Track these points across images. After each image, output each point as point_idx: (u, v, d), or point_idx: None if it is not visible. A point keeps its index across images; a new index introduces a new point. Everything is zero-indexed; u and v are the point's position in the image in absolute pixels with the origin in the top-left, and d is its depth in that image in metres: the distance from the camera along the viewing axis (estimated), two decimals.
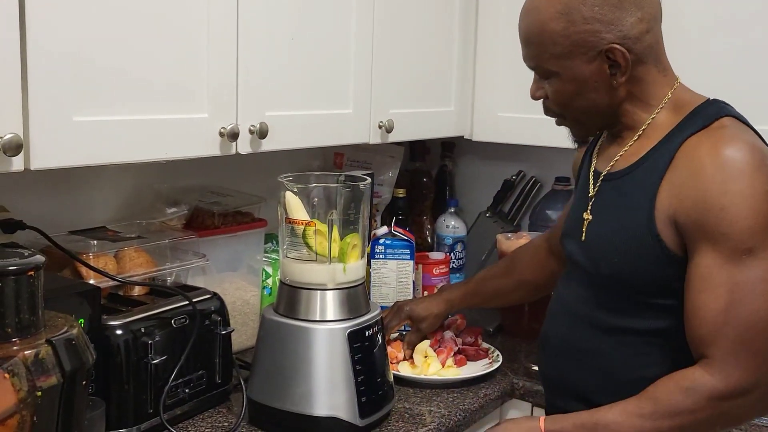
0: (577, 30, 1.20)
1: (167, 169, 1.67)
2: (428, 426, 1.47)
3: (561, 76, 1.25)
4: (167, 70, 1.30)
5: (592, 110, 1.27)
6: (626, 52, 1.20)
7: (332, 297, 1.41)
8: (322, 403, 1.37)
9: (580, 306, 1.33)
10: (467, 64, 2.03)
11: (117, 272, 1.42)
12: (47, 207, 1.52)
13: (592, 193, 1.33)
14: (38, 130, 1.12)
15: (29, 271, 0.93)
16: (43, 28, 1.11)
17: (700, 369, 1.16)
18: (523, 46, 1.29)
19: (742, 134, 1.18)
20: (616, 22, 1.20)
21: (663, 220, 1.19)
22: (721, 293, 1.13)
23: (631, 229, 1.22)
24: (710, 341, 1.15)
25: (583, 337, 1.31)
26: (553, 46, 1.22)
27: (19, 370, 0.88)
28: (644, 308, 1.24)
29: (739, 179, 1.13)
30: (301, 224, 1.41)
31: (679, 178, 1.18)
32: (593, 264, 1.29)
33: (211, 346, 1.46)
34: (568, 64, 1.23)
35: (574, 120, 1.31)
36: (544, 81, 1.29)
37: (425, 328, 1.72)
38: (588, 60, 1.22)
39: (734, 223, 1.12)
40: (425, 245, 2.29)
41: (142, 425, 1.34)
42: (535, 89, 1.32)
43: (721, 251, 1.14)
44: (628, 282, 1.24)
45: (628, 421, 1.17)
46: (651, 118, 1.26)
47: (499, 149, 2.21)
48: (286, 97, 1.52)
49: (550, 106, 1.31)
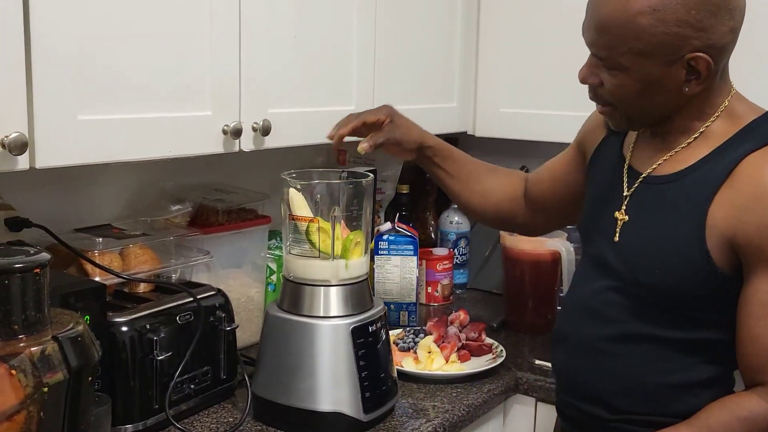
0: (667, 31, 1.10)
1: (172, 166, 1.67)
2: (432, 421, 1.48)
3: (630, 73, 1.15)
4: (170, 68, 1.30)
5: (649, 111, 1.20)
6: (711, 62, 1.12)
7: (336, 293, 1.42)
8: (326, 398, 1.38)
9: (606, 308, 1.27)
10: (469, 59, 2.04)
11: (122, 269, 1.43)
12: (53, 205, 1.53)
13: (628, 192, 1.26)
14: (43, 129, 1.13)
15: (35, 268, 0.94)
16: (47, 27, 1.12)
17: (756, 396, 1.14)
18: (595, 31, 1.16)
19: None
20: (709, 30, 1.11)
21: (716, 236, 1.14)
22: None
23: (677, 241, 1.17)
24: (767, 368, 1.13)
25: (607, 340, 1.27)
26: (635, 41, 1.12)
27: (26, 367, 0.89)
28: (680, 320, 1.21)
29: None
30: (304, 221, 1.41)
31: (738, 199, 1.13)
32: (630, 270, 1.23)
33: (215, 343, 1.47)
34: (643, 63, 1.13)
35: (624, 115, 1.22)
36: (605, 70, 1.18)
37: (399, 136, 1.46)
38: (667, 63, 1.13)
39: None
40: (429, 241, 2.30)
41: (148, 421, 1.35)
42: (588, 74, 1.21)
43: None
44: (669, 294, 1.20)
45: None
46: (705, 126, 1.20)
47: (503, 145, 2.21)
48: (289, 94, 1.53)
49: (604, 95, 1.21)
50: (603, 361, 1.27)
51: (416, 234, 2.00)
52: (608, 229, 1.28)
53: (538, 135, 1.98)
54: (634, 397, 1.22)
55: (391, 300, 1.95)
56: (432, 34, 1.91)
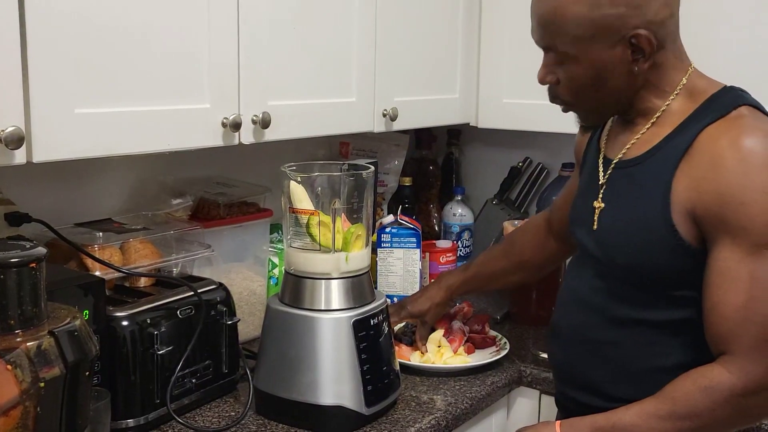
0: (603, 13, 1.15)
1: (172, 160, 1.67)
2: (435, 414, 1.47)
3: (579, 61, 1.19)
4: (168, 60, 1.30)
5: (607, 98, 1.23)
6: (652, 38, 1.16)
7: (337, 286, 1.41)
8: (328, 392, 1.37)
9: (593, 296, 1.31)
10: (471, 50, 2.02)
11: (123, 264, 1.42)
12: (53, 199, 1.53)
13: (603, 180, 1.30)
14: (40, 122, 1.12)
15: (31, 263, 0.93)
16: (43, 20, 1.11)
17: (719, 367, 1.14)
18: (538, 26, 1.23)
19: (762, 124, 1.16)
20: (643, 6, 1.15)
21: (679, 211, 1.17)
22: (741, 289, 1.12)
23: (645, 219, 1.20)
24: (729, 338, 1.13)
25: (596, 328, 1.29)
26: (575, 28, 1.17)
27: (22, 362, 0.89)
28: (659, 299, 1.23)
29: (759, 173, 1.11)
30: (304, 214, 1.41)
31: (697, 170, 1.15)
32: (606, 254, 1.27)
33: (217, 336, 1.46)
34: (587, 49, 1.18)
35: (586, 109, 1.27)
36: (557, 66, 1.23)
37: (430, 320, 1.70)
38: (610, 45, 1.17)
39: (754, 217, 1.11)
40: (432, 233, 2.29)
41: (150, 415, 1.35)
42: (545, 73, 1.26)
43: (741, 246, 1.12)
44: (643, 273, 1.22)
45: (646, 423, 1.16)
46: (666, 105, 1.23)
47: (506, 136, 2.20)
48: (289, 86, 1.52)
49: (561, 92, 1.26)
50: (594, 349, 1.29)
51: (419, 226, 1.99)
52: (588, 218, 1.31)
53: (540, 126, 1.97)
54: (627, 383, 1.23)
55: (394, 293, 1.95)
56: (433, 24, 1.90)
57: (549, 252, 1.62)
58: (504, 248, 1.72)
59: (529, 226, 1.70)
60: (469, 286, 1.72)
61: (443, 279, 1.75)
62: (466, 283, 1.71)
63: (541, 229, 1.65)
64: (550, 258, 1.64)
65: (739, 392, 1.12)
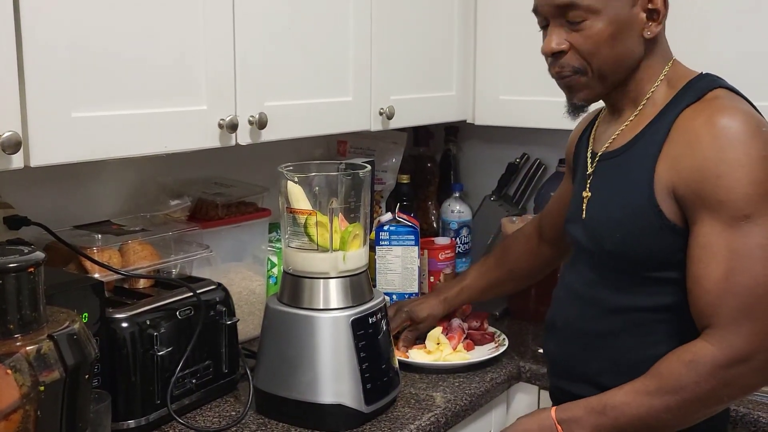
0: None
1: (170, 161, 1.67)
2: (434, 411, 1.48)
3: (602, 15, 1.21)
4: (164, 63, 1.30)
5: (620, 60, 1.25)
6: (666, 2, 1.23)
7: (335, 285, 1.42)
8: (327, 390, 1.38)
9: (585, 288, 1.33)
10: (468, 47, 2.02)
11: (122, 265, 1.43)
12: (52, 202, 1.53)
13: (590, 171, 1.34)
14: (37, 127, 1.13)
15: (29, 267, 0.94)
16: (39, 24, 1.12)
17: (701, 341, 1.16)
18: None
19: (736, 103, 1.19)
20: None
21: (662, 191, 1.20)
22: (720, 261, 1.14)
23: (631, 204, 1.23)
24: (710, 311, 1.15)
25: (590, 319, 1.31)
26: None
27: (22, 366, 0.89)
28: (648, 284, 1.25)
29: (734, 147, 1.14)
30: (302, 214, 1.41)
31: (675, 150, 1.19)
32: (595, 242, 1.30)
33: (217, 337, 1.47)
34: (612, 3, 1.21)
35: (597, 72, 1.25)
36: (571, 29, 1.23)
37: (423, 328, 1.72)
38: (631, 3, 1.22)
39: (731, 190, 1.13)
40: (431, 230, 2.30)
41: (150, 416, 1.35)
42: (558, 41, 1.25)
43: (719, 219, 1.14)
44: (631, 256, 1.25)
45: (636, 400, 1.18)
46: (650, 92, 1.27)
47: (503, 132, 2.20)
48: (285, 86, 1.52)
49: (571, 58, 1.25)
50: (590, 342, 1.31)
51: (417, 224, 2.00)
52: (578, 209, 1.35)
53: (537, 122, 1.97)
54: (624, 373, 1.24)
55: (393, 290, 1.95)
56: (429, 21, 1.90)
57: (542, 259, 1.65)
58: (497, 258, 1.74)
59: (520, 234, 1.73)
60: (465, 298, 1.75)
61: (441, 292, 1.77)
62: (461, 295, 1.74)
63: (533, 236, 1.67)
64: (543, 264, 1.66)
65: (722, 363, 1.13)
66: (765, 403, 1.53)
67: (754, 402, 1.53)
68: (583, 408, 1.22)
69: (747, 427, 1.49)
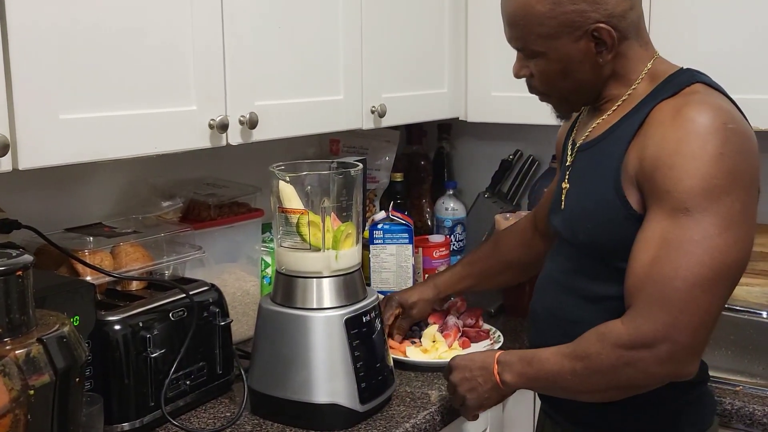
0: (564, 10, 1.22)
1: (161, 162, 1.67)
2: (429, 409, 1.48)
3: (547, 56, 1.26)
4: (152, 63, 1.29)
5: (577, 89, 1.30)
6: (612, 31, 1.22)
7: (328, 284, 1.41)
8: (322, 390, 1.37)
9: (563, 277, 1.35)
10: (459, 44, 2.02)
11: (114, 268, 1.42)
12: (43, 205, 1.53)
13: (569, 162, 1.36)
14: (25, 129, 1.12)
15: (18, 270, 0.93)
16: (25, 26, 1.11)
17: (618, 319, 1.19)
18: (508, 27, 1.30)
19: (711, 99, 1.19)
20: (602, 1, 1.21)
21: (627, 181, 1.22)
22: (651, 248, 1.16)
23: (601, 193, 1.25)
24: (632, 293, 1.18)
25: (569, 308, 1.33)
26: (540, 26, 1.24)
27: (11, 370, 0.89)
28: (621, 273, 1.24)
29: (692, 140, 1.14)
30: (294, 213, 1.41)
31: (643, 141, 1.21)
32: (571, 232, 1.32)
33: (210, 338, 1.47)
34: (554, 45, 1.24)
35: (559, 98, 1.33)
36: (529, 60, 1.30)
37: (415, 314, 1.72)
38: (574, 39, 1.23)
39: (678, 181, 1.14)
40: (425, 228, 2.30)
41: (144, 418, 1.35)
42: (519, 68, 1.33)
43: (662, 208, 1.16)
44: (602, 246, 1.27)
45: (553, 358, 1.25)
46: (631, 89, 1.28)
47: (496, 129, 2.20)
48: (275, 85, 1.52)
49: (535, 85, 1.32)
50: (568, 329, 1.31)
51: (411, 222, 2.00)
52: (558, 200, 1.37)
53: (530, 118, 1.96)
54: None
55: (388, 289, 1.95)
56: (420, 19, 1.90)
57: (535, 251, 1.65)
58: (490, 248, 1.74)
59: (516, 226, 1.73)
60: (457, 285, 1.74)
61: (431, 278, 1.78)
62: (453, 282, 1.74)
63: (527, 228, 1.68)
64: (537, 257, 1.65)
65: (624, 343, 1.16)
66: (760, 396, 1.53)
67: (749, 395, 1.53)
68: (518, 356, 1.32)
69: (742, 420, 1.50)
